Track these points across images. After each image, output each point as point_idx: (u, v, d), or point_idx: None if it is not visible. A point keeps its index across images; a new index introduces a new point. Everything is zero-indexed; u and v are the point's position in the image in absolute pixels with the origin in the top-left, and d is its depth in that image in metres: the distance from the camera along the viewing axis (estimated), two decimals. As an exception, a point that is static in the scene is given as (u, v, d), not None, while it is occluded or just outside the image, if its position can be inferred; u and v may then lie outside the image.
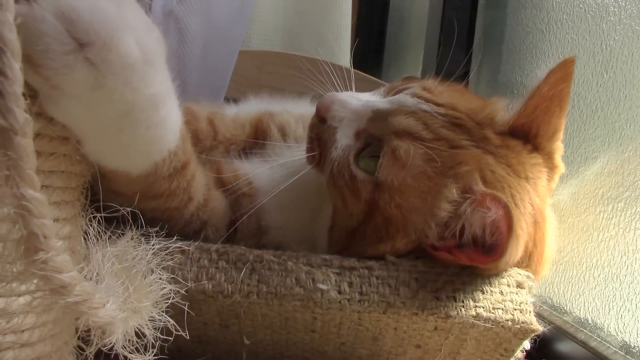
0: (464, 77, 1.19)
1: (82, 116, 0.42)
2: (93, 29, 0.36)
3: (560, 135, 0.62)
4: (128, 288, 0.41)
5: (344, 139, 0.63)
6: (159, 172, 0.50)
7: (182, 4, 0.93)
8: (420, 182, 0.56)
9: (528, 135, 0.60)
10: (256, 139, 0.80)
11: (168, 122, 0.47)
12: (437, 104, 0.60)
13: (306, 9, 1.58)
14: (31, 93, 0.37)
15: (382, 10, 1.89)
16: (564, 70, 0.60)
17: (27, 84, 0.35)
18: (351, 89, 0.73)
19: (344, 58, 1.60)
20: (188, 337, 0.47)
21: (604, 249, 0.74)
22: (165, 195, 0.53)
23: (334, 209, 0.63)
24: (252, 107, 0.94)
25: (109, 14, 0.38)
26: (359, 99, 0.64)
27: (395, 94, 0.65)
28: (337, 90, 0.73)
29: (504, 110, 0.62)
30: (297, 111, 0.87)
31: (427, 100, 0.61)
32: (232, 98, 1.06)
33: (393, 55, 1.90)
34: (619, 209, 0.72)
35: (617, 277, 0.71)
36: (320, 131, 0.65)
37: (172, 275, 0.49)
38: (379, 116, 0.61)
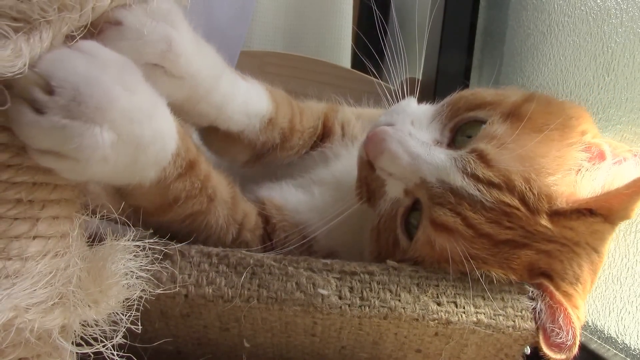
0: (464, 78, 1.19)
1: (102, 171, 0.43)
2: (90, 107, 0.39)
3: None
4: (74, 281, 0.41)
5: (393, 193, 0.61)
6: (168, 175, 0.51)
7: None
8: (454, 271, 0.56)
9: (595, 211, 0.55)
10: (322, 139, 0.79)
11: (164, 127, 0.48)
12: (490, 184, 0.54)
13: (307, 9, 1.58)
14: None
15: (383, 11, 1.89)
16: None
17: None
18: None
19: (345, 58, 1.60)
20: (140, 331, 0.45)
21: (604, 252, 0.73)
22: (184, 197, 0.54)
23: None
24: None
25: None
26: (411, 152, 0.58)
27: (457, 124, 0.61)
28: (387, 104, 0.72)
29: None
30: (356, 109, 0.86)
31: (478, 181, 0.54)
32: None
33: (394, 56, 1.89)
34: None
35: (617, 280, 0.71)
36: (369, 175, 0.63)
37: (148, 276, 0.47)
38: (425, 186, 0.57)
